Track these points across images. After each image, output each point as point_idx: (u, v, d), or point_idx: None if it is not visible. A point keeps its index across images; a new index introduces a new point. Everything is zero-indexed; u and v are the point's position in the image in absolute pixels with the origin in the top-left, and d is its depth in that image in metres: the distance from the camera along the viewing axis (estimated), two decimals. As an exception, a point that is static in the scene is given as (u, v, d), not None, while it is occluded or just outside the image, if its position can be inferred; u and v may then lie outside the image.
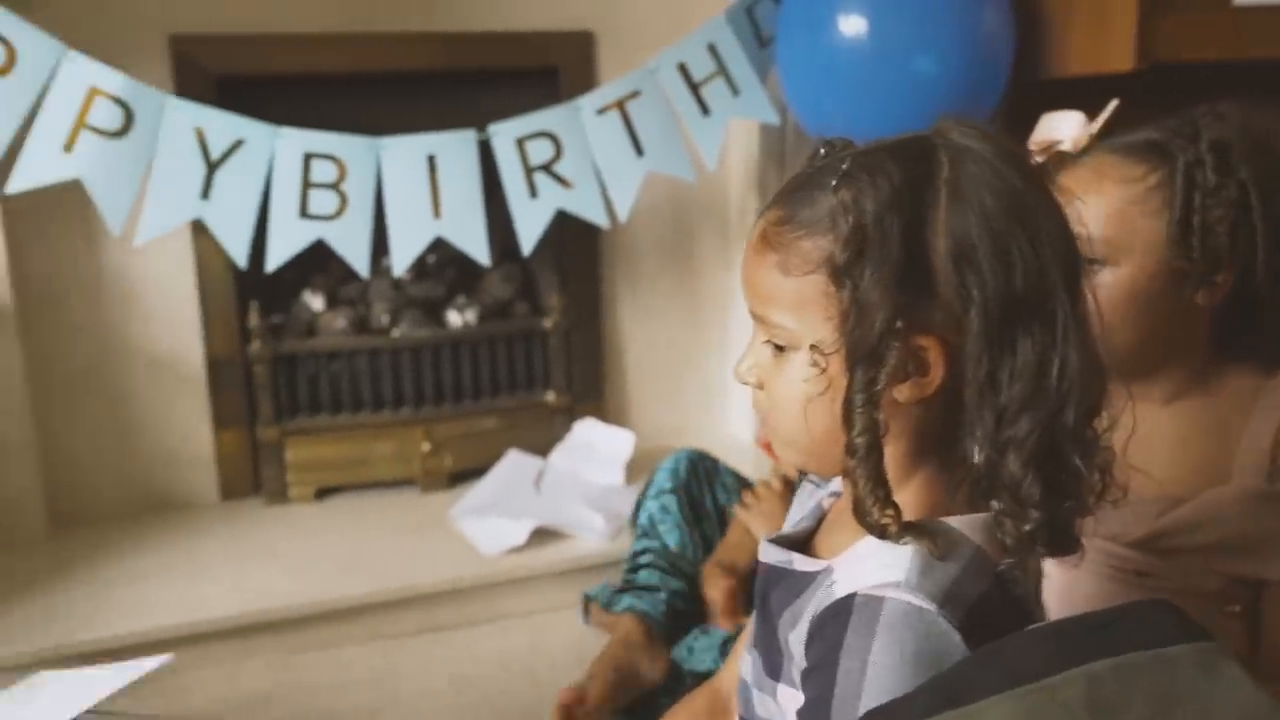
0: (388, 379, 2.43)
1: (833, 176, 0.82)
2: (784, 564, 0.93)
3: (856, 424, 0.81)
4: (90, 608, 1.99)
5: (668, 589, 1.77)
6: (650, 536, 1.84)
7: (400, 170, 1.97)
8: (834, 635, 0.80)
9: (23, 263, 2.14)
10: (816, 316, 0.83)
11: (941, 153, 0.82)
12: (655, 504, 1.87)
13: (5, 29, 1.69)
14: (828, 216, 0.82)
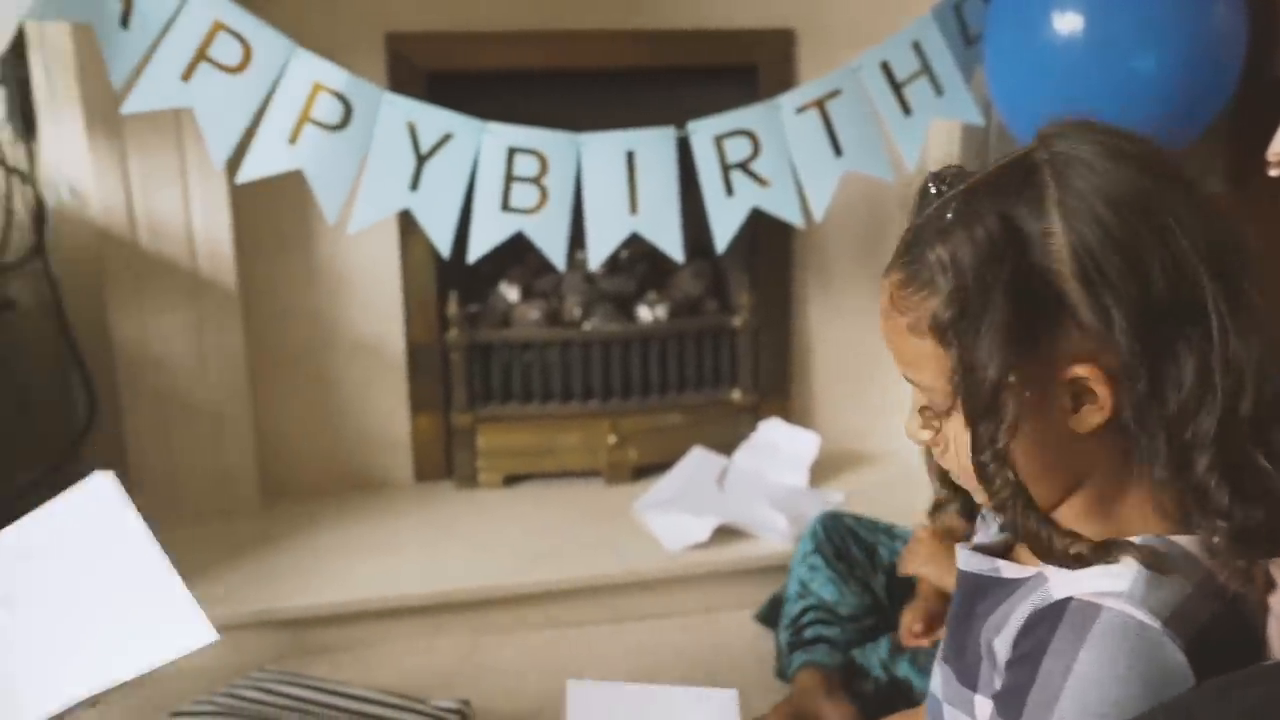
0: (577, 371, 2.48)
1: (934, 230, 0.80)
2: (989, 571, 0.90)
3: (994, 481, 0.80)
4: (295, 576, 2.09)
5: (836, 639, 1.78)
6: (806, 596, 1.85)
7: (600, 166, 2.00)
8: (1042, 636, 0.78)
9: (246, 252, 2.27)
10: (942, 375, 0.81)
11: (1046, 172, 0.79)
12: (803, 568, 1.88)
13: (243, 28, 1.79)
14: (937, 272, 0.80)
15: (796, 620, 1.83)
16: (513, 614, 2.09)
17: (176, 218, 2.18)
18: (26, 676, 1.04)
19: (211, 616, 1.99)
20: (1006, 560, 0.90)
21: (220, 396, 2.29)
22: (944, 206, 0.81)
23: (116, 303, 2.20)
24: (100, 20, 1.77)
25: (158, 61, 1.78)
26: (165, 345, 2.23)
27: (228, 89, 1.82)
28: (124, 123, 2.08)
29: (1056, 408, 0.79)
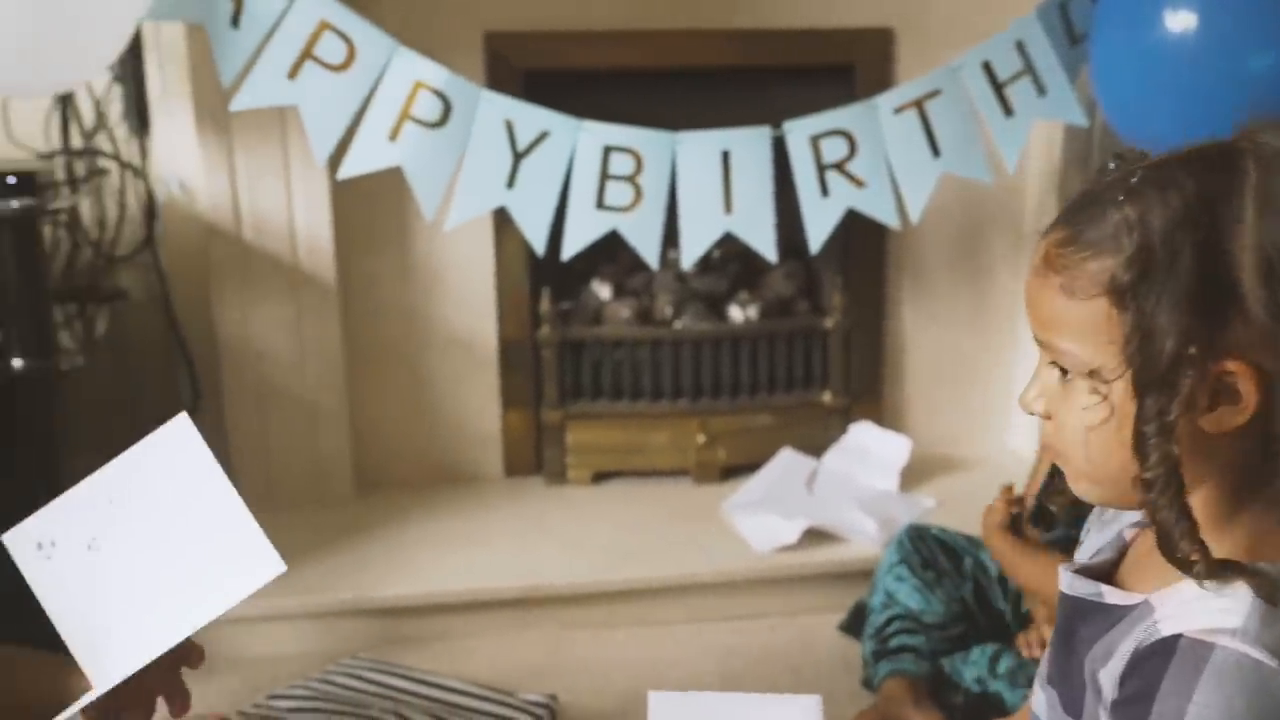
0: (668, 370, 2.48)
1: (1120, 192, 0.77)
2: (1092, 596, 0.87)
3: (1150, 456, 0.75)
4: (387, 566, 2.13)
5: (921, 648, 1.76)
6: (891, 606, 1.83)
7: (694, 165, 2.00)
8: (1152, 676, 0.75)
9: (344, 247, 2.31)
10: (1101, 341, 0.78)
11: (1249, 159, 0.75)
12: (888, 578, 1.85)
13: (348, 27, 1.82)
14: (1113, 235, 0.76)
15: (882, 630, 1.81)
16: (600, 611, 2.10)
17: (279, 213, 2.23)
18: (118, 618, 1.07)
19: (305, 604, 2.06)
20: (1110, 585, 0.87)
21: (317, 388, 2.34)
22: (1128, 173, 0.79)
23: (221, 295, 2.26)
24: (212, 20, 1.82)
25: (265, 60, 1.83)
26: (266, 337, 2.29)
27: (331, 87, 1.85)
28: (232, 120, 2.13)
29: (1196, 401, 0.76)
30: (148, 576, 1.08)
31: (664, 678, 1.93)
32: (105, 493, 1.09)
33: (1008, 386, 2.57)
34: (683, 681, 1.92)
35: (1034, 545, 1.66)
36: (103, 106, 2.29)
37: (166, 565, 1.07)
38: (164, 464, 1.09)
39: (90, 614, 1.08)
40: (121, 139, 2.32)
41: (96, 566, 1.08)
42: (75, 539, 1.09)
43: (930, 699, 1.69)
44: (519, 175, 1.98)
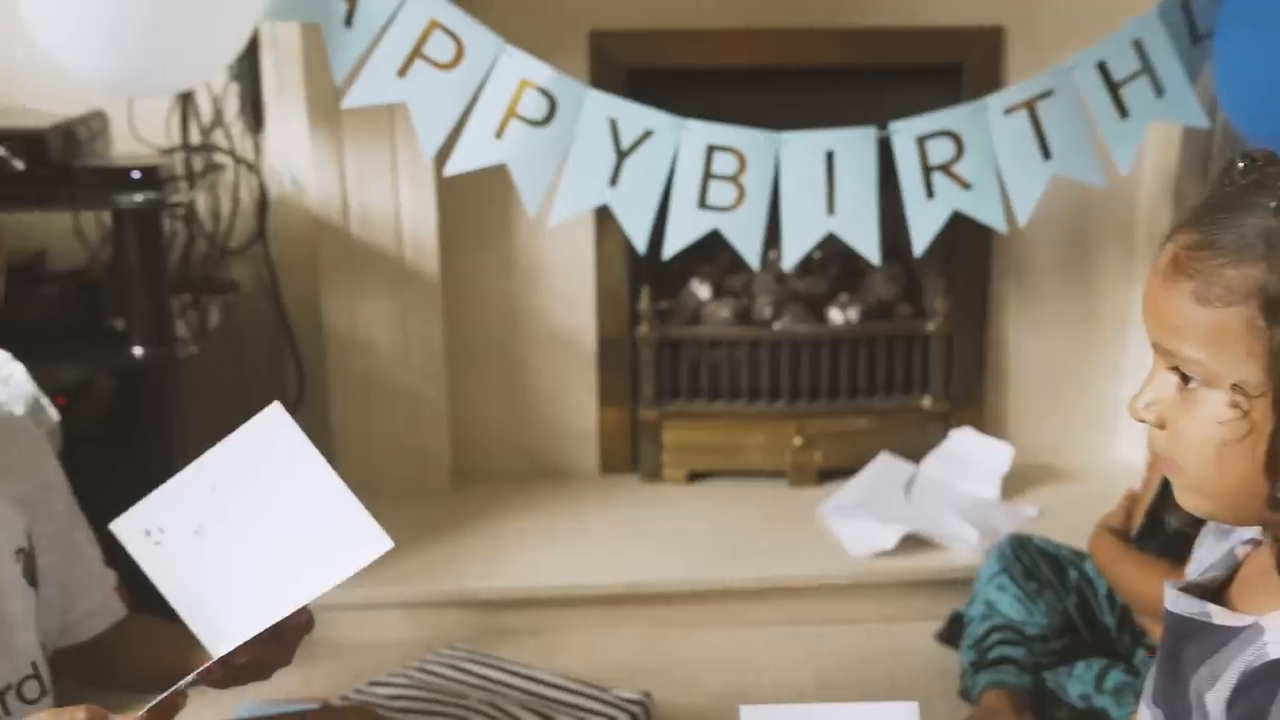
0: (765, 371, 2.47)
1: (1266, 196, 0.74)
2: (1200, 616, 0.85)
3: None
4: (484, 559, 2.16)
5: (1023, 660, 1.72)
6: (992, 616, 1.79)
7: (798, 165, 1.99)
8: (1262, 700, 0.73)
9: (448, 242, 2.35)
10: (1238, 352, 0.75)
11: None
12: (989, 588, 1.82)
13: (457, 26, 1.85)
14: (1260, 242, 0.74)
15: (981, 640, 1.78)
16: (693, 610, 2.10)
17: (386, 208, 2.27)
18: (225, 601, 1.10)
19: (404, 593, 2.09)
20: (1218, 605, 0.85)
21: (419, 381, 2.38)
22: (1267, 176, 0.76)
23: (328, 288, 2.31)
24: (327, 20, 1.86)
25: (377, 59, 1.86)
26: (370, 330, 2.33)
27: (440, 85, 1.88)
28: (342, 117, 2.18)
29: None
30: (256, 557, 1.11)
31: (757, 680, 1.92)
32: (206, 481, 1.13)
33: (1115, 395, 2.50)
34: (776, 684, 1.91)
35: (1140, 554, 1.62)
36: (220, 104, 2.35)
37: (273, 546, 1.10)
38: (262, 451, 1.12)
39: (201, 593, 1.12)
40: (237, 135, 2.38)
41: (205, 550, 1.12)
42: (182, 525, 1.12)
43: (1031, 712, 1.66)
44: (622, 173, 1.98)
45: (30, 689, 1.07)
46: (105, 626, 1.22)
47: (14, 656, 1.06)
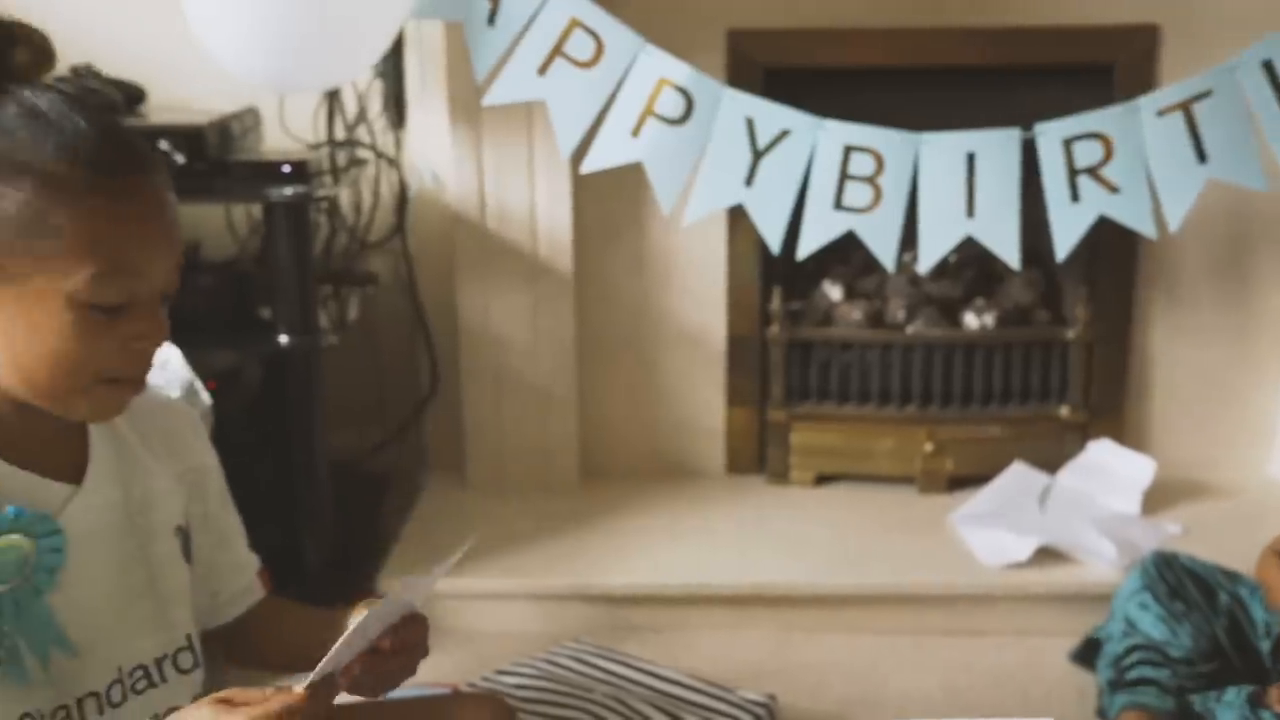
0: (897, 374, 2.43)
1: None
2: None
3: None
4: (609, 555, 2.17)
5: (1165, 682, 1.66)
6: (1132, 635, 1.73)
7: (937, 166, 1.95)
8: None
9: (581, 238, 2.37)
10: None
11: None
12: (1130, 605, 1.75)
13: (597, 25, 1.86)
14: None
15: (1121, 659, 1.72)
16: (819, 614, 2.08)
17: (522, 205, 2.31)
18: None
19: (530, 585, 2.12)
20: None
21: (549, 376, 2.40)
22: None
23: (463, 282, 2.36)
24: (470, 19, 1.89)
25: (518, 57, 1.89)
26: (503, 324, 2.37)
27: (579, 83, 1.90)
28: (482, 115, 2.22)
29: None
30: None
31: (882, 688, 1.89)
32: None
33: (1271, 409, 2.39)
34: (902, 694, 1.88)
35: None
36: (364, 101, 2.41)
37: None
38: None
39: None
40: (379, 131, 2.44)
41: None
42: None
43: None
44: (758, 173, 1.97)
45: (184, 660, 1.11)
46: (247, 609, 1.26)
47: (171, 628, 1.10)
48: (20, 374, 0.95)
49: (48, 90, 0.95)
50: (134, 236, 0.94)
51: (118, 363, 0.96)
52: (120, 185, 0.93)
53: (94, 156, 0.92)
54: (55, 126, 0.92)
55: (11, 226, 0.91)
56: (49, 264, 0.91)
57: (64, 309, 0.92)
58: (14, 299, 0.93)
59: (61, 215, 0.90)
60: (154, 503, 1.09)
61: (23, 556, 0.97)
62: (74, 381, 0.95)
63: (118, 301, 0.94)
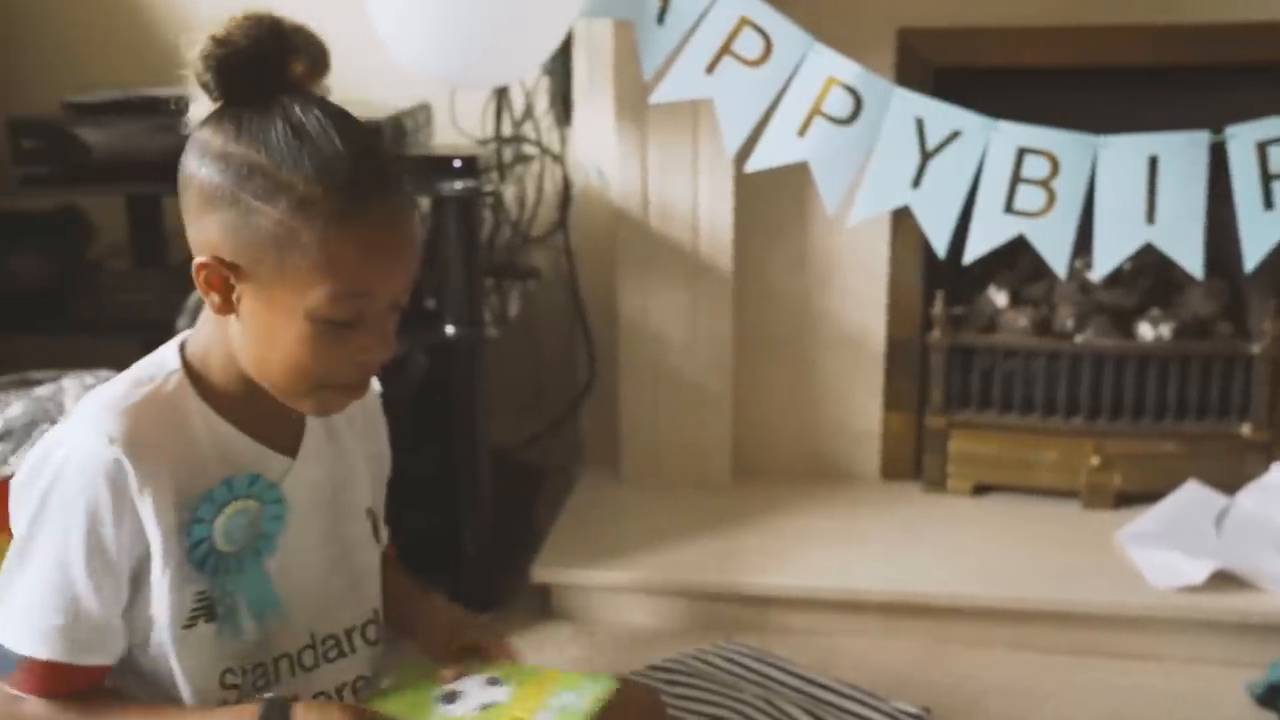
0: (1064, 384, 2.35)
1: None
2: None
3: None
4: (759, 555, 2.16)
5: None
6: None
7: (1117, 170, 1.87)
8: None
9: (741, 237, 2.36)
10: None
11: None
12: None
13: (767, 23, 1.85)
14: None
15: None
16: (974, 627, 2.03)
17: (685, 203, 2.31)
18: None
19: (681, 582, 2.12)
20: None
21: (705, 374, 2.41)
22: None
23: (624, 279, 2.38)
24: (640, 17, 1.90)
25: (686, 55, 1.89)
26: (662, 321, 2.38)
27: (746, 82, 1.89)
28: (648, 112, 2.23)
29: None
30: None
31: (1040, 709, 1.83)
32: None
33: None
34: (1061, 716, 1.82)
35: None
36: (531, 98, 2.46)
37: None
38: None
39: None
40: (545, 128, 2.49)
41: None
42: None
43: None
44: (926, 175, 1.93)
45: (371, 632, 1.17)
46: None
47: (361, 602, 1.17)
48: (256, 367, 1.02)
49: (313, 105, 0.98)
50: (375, 262, 0.98)
51: (344, 372, 1.02)
52: (368, 212, 0.96)
53: (347, 183, 0.95)
54: (315, 148, 0.96)
55: (263, 242, 0.96)
56: (293, 279, 0.96)
57: (301, 321, 0.98)
58: (258, 306, 0.99)
59: (310, 237, 0.95)
60: (350, 483, 1.16)
61: (251, 520, 1.05)
62: (303, 386, 1.02)
63: (351, 318, 0.99)
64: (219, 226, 0.97)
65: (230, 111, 0.98)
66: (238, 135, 0.96)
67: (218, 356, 1.04)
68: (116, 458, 0.96)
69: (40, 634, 0.99)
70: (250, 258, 0.97)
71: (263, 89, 0.98)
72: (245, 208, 0.95)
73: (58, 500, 0.97)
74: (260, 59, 0.97)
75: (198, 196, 0.98)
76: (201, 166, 0.97)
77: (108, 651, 1.02)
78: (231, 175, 0.96)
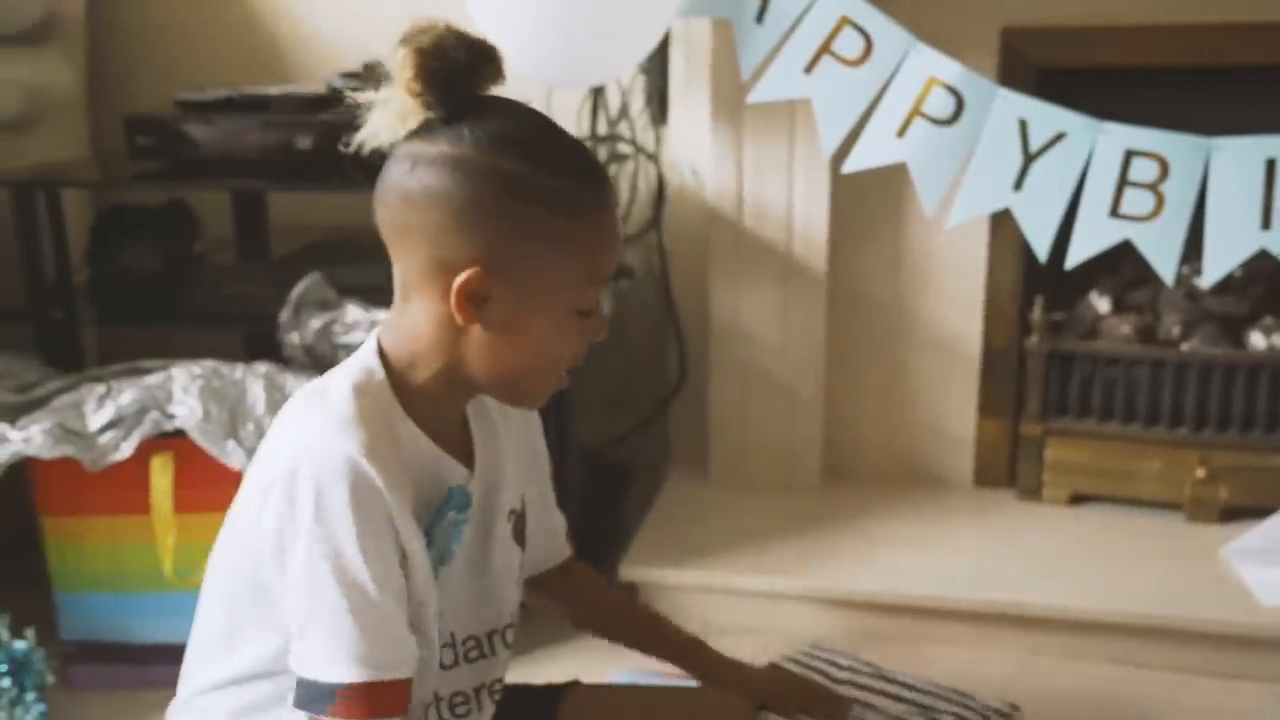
0: (1168, 394, 2.28)
1: None
2: None
3: None
4: (849, 559, 2.14)
5: None
6: None
7: (1230, 174, 1.81)
8: None
9: (837, 238, 2.34)
10: None
11: None
12: None
13: (868, 23, 1.83)
14: None
15: None
16: (1070, 640, 1.98)
17: (779, 203, 2.30)
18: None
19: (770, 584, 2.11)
20: None
21: (797, 375, 2.39)
22: None
23: (717, 278, 2.37)
24: (739, 16, 1.90)
25: (785, 54, 1.88)
26: (754, 322, 2.37)
27: (846, 81, 1.87)
28: (745, 112, 2.22)
29: None
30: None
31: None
32: None
33: None
34: (1160, 733, 1.77)
35: None
36: (627, 97, 2.47)
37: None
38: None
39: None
40: (640, 127, 2.49)
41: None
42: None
43: None
44: (1028, 177, 1.89)
45: (510, 635, 1.19)
46: (553, 565, 1.36)
47: (501, 605, 1.18)
48: (497, 368, 1.03)
49: (515, 106, 1.02)
50: (616, 246, 1.03)
51: (575, 358, 1.06)
52: (607, 198, 1.01)
53: (589, 173, 1.00)
54: (550, 146, 1.00)
55: (537, 247, 0.98)
56: (555, 277, 0.99)
57: (563, 317, 1.01)
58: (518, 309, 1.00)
59: (576, 234, 0.98)
60: (502, 486, 1.16)
61: (460, 533, 1.08)
62: (549, 374, 1.05)
63: (594, 305, 1.03)
64: (481, 237, 0.97)
65: (449, 123, 0.98)
66: (462, 141, 0.97)
67: (431, 363, 1.03)
68: (368, 470, 0.95)
69: (349, 658, 0.95)
70: (519, 263, 0.97)
71: (471, 98, 1.00)
72: (515, 217, 0.96)
73: (329, 520, 0.94)
74: (469, 69, 0.99)
75: (442, 208, 0.97)
76: (440, 178, 0.97)
77: (411, 661, 1.00)
78: (484, 183, 0.96)
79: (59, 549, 1.86)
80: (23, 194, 2.04)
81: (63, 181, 2.16)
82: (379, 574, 0.95)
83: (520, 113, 1.01)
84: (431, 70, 0.97)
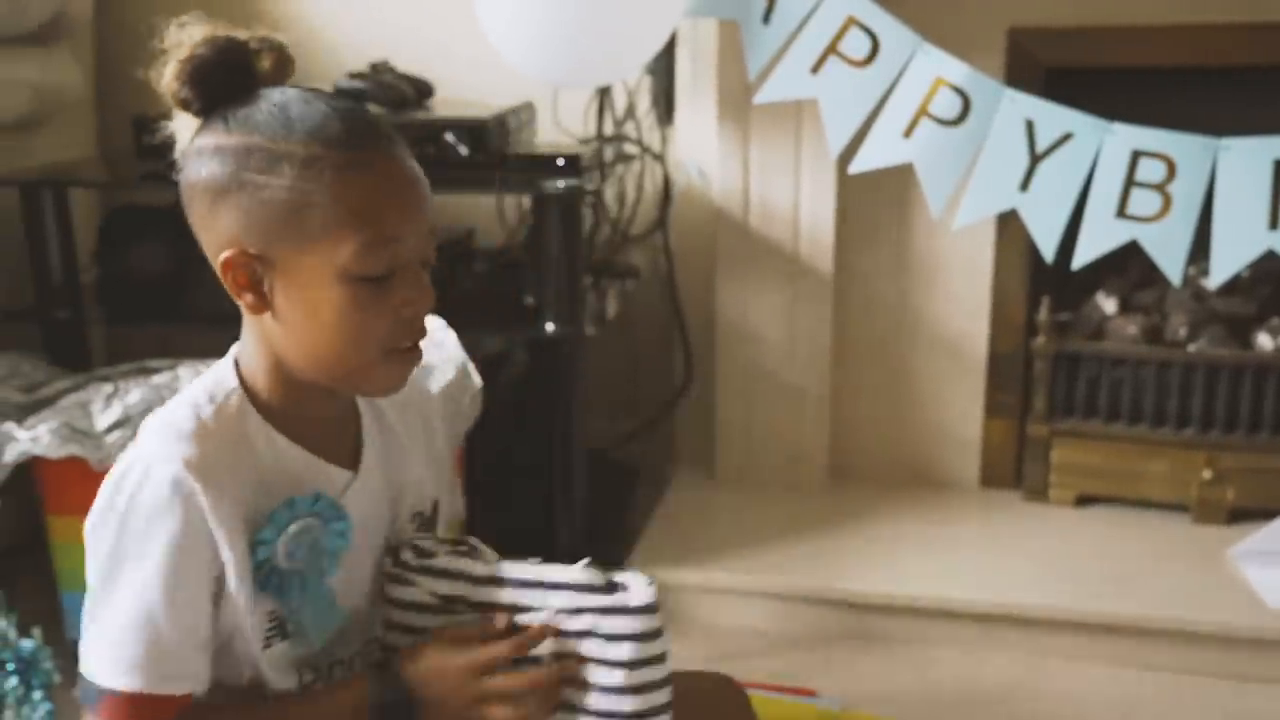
0: (1175, 395, 2.28)
1: None
2: None
3: None
4: (854, 560, 2.14)
5: None
6: None
7: (1238, 174, 1.81)
8: None
9: (843, 239, 2.34)
10: None
11: None
12: None
13: (874, 23, 1.83)
14: None
15: None
16: (1076, 641, 1.98)
17: (786, 204, 2.30)
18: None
19: (774, 584, 2.11)
20: None
21: (803, 376, 2.39)
22: None
23: (723, 279, 2.37)
24: (745, 17, 1.90)
25: (791, 55, 1.88)
26: (760, 323, 2.37)
27: (852, 82, 1.87)
28: (751, 113, 2.23)
29: None
30: None
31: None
32: None
33: None
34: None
35: None
36: (633, 98, 2.46)
37: None
38: None
39: None
40: (646, 128, 2.49)
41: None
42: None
43: None
44: (1035, 177, 1.89)
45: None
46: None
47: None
48: (308, 357, 1.01)
49: (288, 88, 1.01)
50: (389, 204, 0.97)
51: (394, 332, 1.00)
52: (369, 158, 0.97)
53: (341, 136, 0.96)
54: (304, 114, 0.97)
55: (279, 214, 0.96)
56: (317, 243, 0.96)
57: (336, 283, 0.96)
58: (290, 286, 0.98)
59: (323, 194, 0.95)
60: (407, 490, 1.14)
61: (314, 539, 1.03)
62: (359, 356, 1.00)
63: (383, 270, 0.97)
64: (232, 216, 0.97)
65: (214, 115, 0.99)
66: (227, 129, 0.97)
67: (264, 365, 1.03)
68: (188, 483, 0.95)
69: (121, 665, 0.97)
70: (271, 236, 0.96)
71: (238, 89, 1.00)
72: (253, 187, 0.95)
73: (134, 530, 0.96)
74: (228, 62, 0.99)
75: (204, 197, 0.98)
76: (200, 168, 0.98)
77: (190, 680, 1.00)
78: (231, 163, 0.96)
79: (66, 548, 1.86)
80: (31, 194, 2.04)
81: (71, 181, 2.17)
82: (174, 591, 0.96)
83: (285, 95, 0.99)
84: (187, 72, 0.99)
